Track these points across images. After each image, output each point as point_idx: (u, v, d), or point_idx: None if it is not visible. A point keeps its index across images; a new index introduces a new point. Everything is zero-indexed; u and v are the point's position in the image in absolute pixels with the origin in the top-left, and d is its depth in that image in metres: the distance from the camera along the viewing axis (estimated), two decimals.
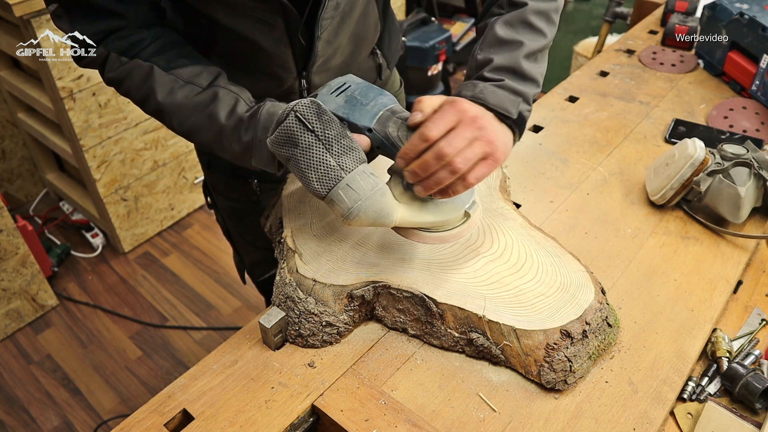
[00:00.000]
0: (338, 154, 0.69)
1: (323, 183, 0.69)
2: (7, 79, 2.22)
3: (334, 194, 0.69)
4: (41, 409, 1.87)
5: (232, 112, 0.78)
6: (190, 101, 0.79)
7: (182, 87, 0.79)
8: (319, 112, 0.70)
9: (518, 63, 0.78)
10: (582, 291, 0.75)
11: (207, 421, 0.70)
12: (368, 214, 0.69)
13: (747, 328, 0.81)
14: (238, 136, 0.77)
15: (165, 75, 0.79)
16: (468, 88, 0.75)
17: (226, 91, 0.79)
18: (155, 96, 0.80)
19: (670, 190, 0.94)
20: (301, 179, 0.71)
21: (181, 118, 0.81)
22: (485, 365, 0.75)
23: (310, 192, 0.71)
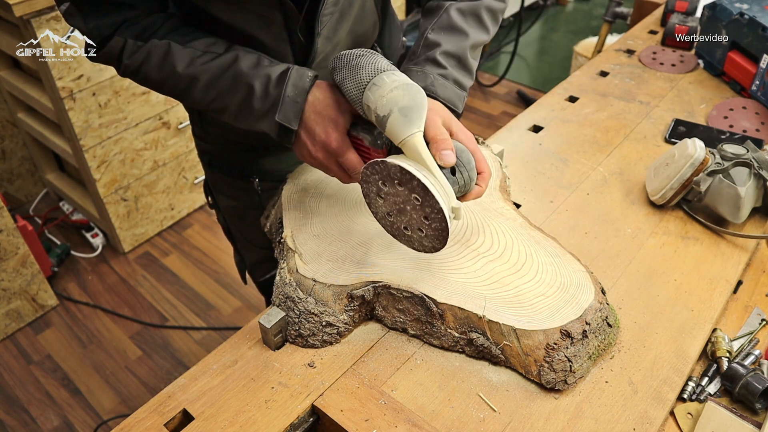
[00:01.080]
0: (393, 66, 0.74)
1: (371, 70, 0.72)
2: (7, 79, 2.22)
3: (379, 78, 0.72)
4: (41, 409, 1.87)
5: (256, 65, 0.80)
6: (212, 66, 0.80)
7: (201, 56, 0.81)
8: None
9: (464, 53, 0.85)
10: (582, 291, 0.75)
11: (207, 421, 0.70)
12: (413, 93, 0.70)
13: (747, 328, 0.81)
14: (265, 92, 0.79)
15: (182, 49, 0.81)
16: (420, 78, 0.82)
17: (245, 51, 0.81)
18: (176, 70, 0.81)
19: (670, 190, 0.94)
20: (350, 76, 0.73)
21: (206, 86, 0.81)
22: (485, 365, 0.75)
23: (353, 85, 0.73)
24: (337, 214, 0.87)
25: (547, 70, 3.58)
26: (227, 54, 0.81)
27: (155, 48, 0.81)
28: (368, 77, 0.72)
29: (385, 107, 0.70)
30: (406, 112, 0.70)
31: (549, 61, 3.67)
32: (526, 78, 3.48)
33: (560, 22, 4.10)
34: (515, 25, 3.59)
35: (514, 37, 3.43)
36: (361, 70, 0.73)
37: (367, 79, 0.72)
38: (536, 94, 3.24)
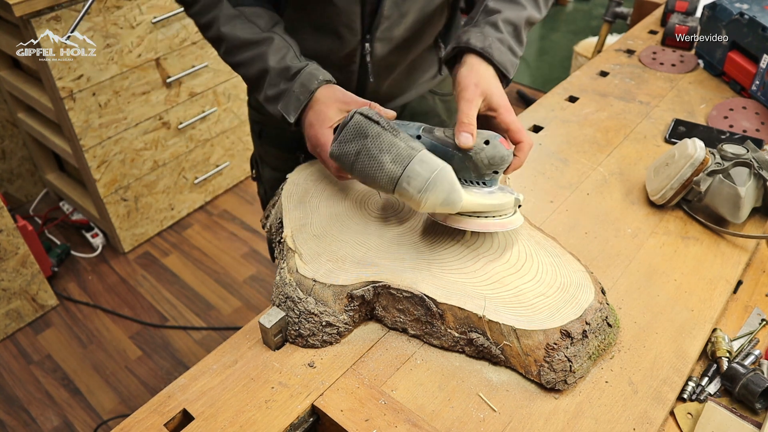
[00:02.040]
0: (405, 139, 0.74)
1: (398, 162, 0.72)
2: (7, 79, 2.22)
3: (410, 170, 0.71)
4: (41, 409, 1.87)
5: (281, 59, 0.87)
6: (247, 37, 0.87)
7: (243, 23, 0.88)
8: (378, 113, 0.77)
9: (521, 24, 0.87)
10: (582, 291, 0.75)
11: (207, 421, 0.70)
12: (444, 186, 0.71)
13: (747, 328, 0.81)
14: (277, 82, 0.87)
15: (230, 8, 0.88)
16: (478, 38, 0.83)
17: (281, 38, 0.88)
18: (218, 24, 0.88)
19: (670, 190, 0.94)
20: (372, 168, 0.73)
21: (234, 51, 0.89)
22: (485, 365, 0.75)
23: (382, 179, 0.73)
24: (338, 215, 0.87)
25: (547, 70, 3.58)
26: (265, 33, 0.88)
27: None
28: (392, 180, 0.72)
29: (428, 208, 0.73)
30: (448, 201, 0.72)
31: (549, 61, 3.67)
32: (526, 78, 3.48)
33: (560, 22, 4.10)
34: None
35: None
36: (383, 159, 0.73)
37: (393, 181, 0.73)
38: (536, 94, 3.24)
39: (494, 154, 0.75)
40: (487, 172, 0.77)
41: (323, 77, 0.86)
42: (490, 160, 0.76)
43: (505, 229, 0.77)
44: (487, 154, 0.75)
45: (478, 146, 0.75)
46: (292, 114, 0.85)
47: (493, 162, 0.76)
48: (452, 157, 0.77)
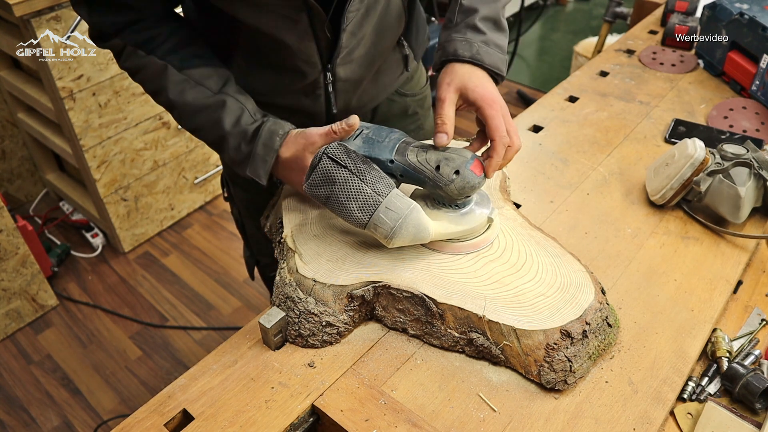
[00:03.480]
0: (372, 182, 0.74)
1: (364, 210, 0.74)
2: (7, 79, 2.22)
3: (376, 218, 0.74)
4: (41, 409, 1.87)
5: (236, 122, 0.84)
6: (198, 102, 0.85)
7: (193, 88, 0.85)
8: (347, 150, 0.76)
9: (498, 14, 0.88)
10: (582, 291, 0.75)
11: (207, 421, 0.70)
12: (408, 230, 0.74)
13: (747, 328, 0.81)
14: (238, 146, 0.85)
15: (177, 74, 0.84)
16: (465, 48, 0.84)
17: (233, 99, 0.85)
18: (167, 93, 0.85)
19: (670, 190, 0.94)
20: (342, 213, 0.75)
21: (188, 117, 0.87)
22: (485, 365, 0.75)
23: (352, 223, 0.75)
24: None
25: (547, 70, 3.58)
26: (216, 96, 0.85)
27: (152, 64, 0.84)
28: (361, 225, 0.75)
29: (397, 246, 0.76)
30: (414, 241, 0.76)
31: (549, 61, 3.67)
32: (526, 78, 3.48)
33: (560, 22, 4.10)
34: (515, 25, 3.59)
35: (514, 37, 3.43)
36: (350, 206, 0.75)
37: (362, 226, 0.75)
38: (536, 94, 3.24)
39: (463, 186, 0.76)
40: (458, 198, 0.78)
41: (282, 131, 0.84)
42: (460, 191, 0.76)
43: (477, 250, 0.80)
44: (457, 186, 0.76)
45: (447, 177, 0.76)
46: (263, 176, 0.85)
47: (463, 192, 0.76)
48: (424, 182, 0.78)
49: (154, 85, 0.86)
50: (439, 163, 0.76)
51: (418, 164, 0.78)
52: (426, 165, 0.77)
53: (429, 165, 0.77)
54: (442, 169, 0.76)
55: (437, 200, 0.81)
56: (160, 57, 0.84)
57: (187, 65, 0.85)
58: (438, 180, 0.76)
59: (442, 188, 0.76)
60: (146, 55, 0.84)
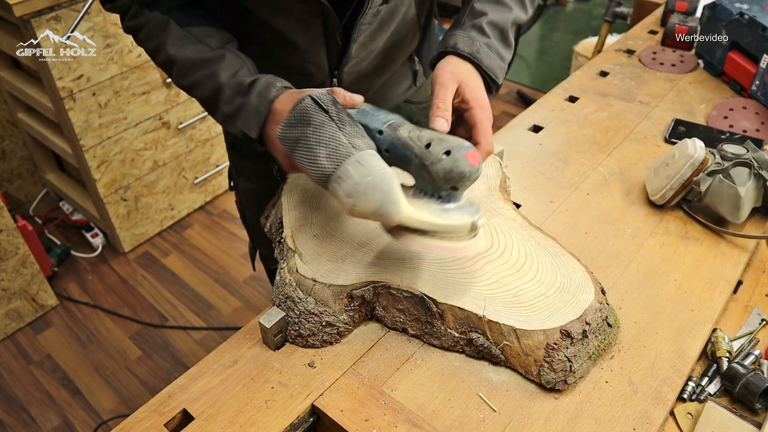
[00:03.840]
0: (350, 134, 0.68)
1: (332, 158, 0.66)
2: (7, 79, 2.22)
3: (343, 170, 0.65)
4: (41, 409, 1.87)
5: (234, 75, 0.81)
6: (197, 57, 0.82)
7: (193, 44, 0.83)
8: (334, 99, 0.71)
9: (507, 26, 0.86)
10: (582, 291, 0.75)
11: (207, 421, 0.70)
12: (376, 194, 0.65)
13: (747, 328, 0.81)
14: (232, 98, 0.80)
15: (179, 29, 0.83)
16: (466, 43, 0.81)
17: (233, 55, 0.83)
18: (166, 48, 0.83)
19: (670, 190, 0.94)
20: (308, 160, 0.68)
21: (186, 72, 0.84)
22: (485, 365, 0.75)
23: (315, 174, 0.68)
24: (338, 214, 0.87)
25: (547, 70, 3.58)
26: (216, 51, 0.82)
27: (154, 19, 0.83)
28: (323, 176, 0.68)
29: (357, 215, 0.67)
30: (381, 212, 0.66)
31: (549, 61, 3.67)
32: (526, 78, 3.48)
33: (560, 22, 4.10)
34: None
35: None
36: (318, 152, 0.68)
37: (324, 178, 0.67)
38: (536, 94, 3.24)
39: (451, 168, 0.67)
40: (444, 187, 0.69)
41: (281, 84, 0.80)
42: (446, 174, 0.67)
43: (453, 255, 0.71)
44: (444, 167, 0.67)
45: (436, 155, 0.67)
46: (253, 129, 0.79)
47: (449, 177, 0.67)
48: (409, 161, 0.70)
49: (154, 41, 0.84)
50: (431, 141, 0.69)
51: (408, 140, 0.70)
52: (416, 141, 0.69)
53: (419, 142, 0.69)
54: (433, 146, 0.68)
55: (421, 189, 0.71)
56: (164, 12, 0.83)
57: (190, 23, 0.83)
58: (425, 157, 0.68)
59: (428, 168, 0.68)
60: (150, 12, 0.83)
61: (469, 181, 0.68)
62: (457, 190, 0.69)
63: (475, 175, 0.68)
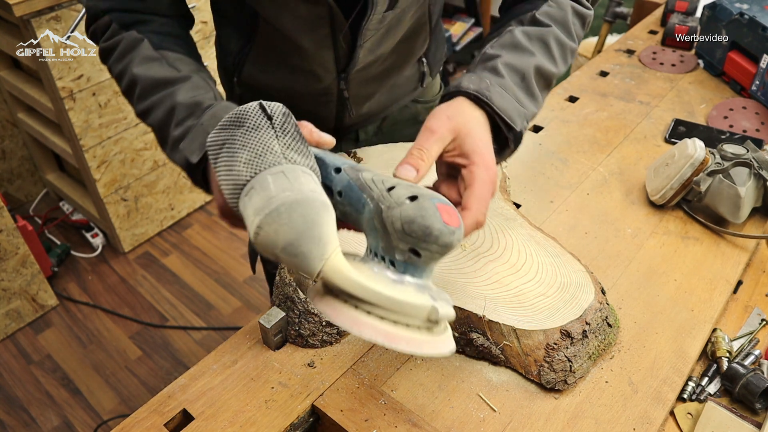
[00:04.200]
0: (288, 146, 0.53)
1: (253, 163, 0.51)
2: (7, 79, 2.22)
3: (260, 179, 0.50)
4: (41, 409, 1.87)
5: (193, 96, 0.70)
6: (160, 76, 0.73)
7: (161, 65, 0.74)
8: (288, 113, 0.55)
9: (529, 71, 0.70)
10: (582, 291, 0.75)
11: (207, 421, 0.69)
12: (293, 219, 0.47)
13: (747, 328, 0.81)
14: (183, 121, 0.69)
15: (151, 50, 0.75)
16: (472, 81, 0.66)
17: (201, 78, 0.73)
18: (132, 66, 0.73)
19: (670, 190, 0.94)
20: (225, 168, 0.53)
21: (145, 93, 0.73)
22: (485, 365, 0.75)
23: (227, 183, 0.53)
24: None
25: None
26: (184, 73, 0.73)
27: (128, 38, 0.75)
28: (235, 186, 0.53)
29: (266, 253, 0.50)
30: (295, 249, 0.48)
31: None
32: None
33: None
34: None
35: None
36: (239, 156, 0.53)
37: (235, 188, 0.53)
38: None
39: (413, 218, 0.49)
40: (400, 247, 0.51)
41: None
42: (406, 225, 0.49)
43: (394, 346, 0.49)
44: (403, 214, 0.50)
45: (397, 199, 0.51)
46: (197, 150, 0.65)
47: (409, 230, 0.49)
48: (363, 208, 0.54)
49: (122, 62, 0.74)
50: (396, 186, 0.53)
51: (369, 182, 0.54)
52: (378, 185, 0.53)
53: (382, 185, 0.53)
54: (397, 190, 0.52)
55: (372, 250, 0.54)
56: (140, 32, 0.76)
57: (166, 47, 0.75)
58: (382, 200, 0.52)
59: (383, 215, 0.51)
60: (126, 32, 0.76)
61: (437, 245, 0.50)
62: (419, 257, 0.50)
63: (447, 239, 0.50)
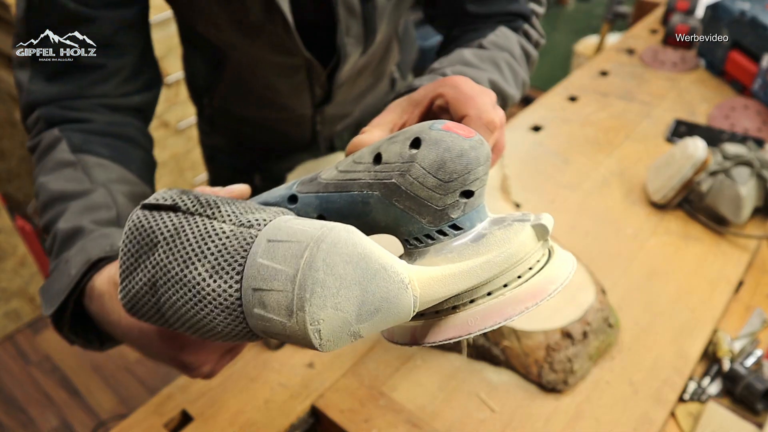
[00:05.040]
0: (234, 214, 0.38)
1: (222, 264, 0.35)
2: (5, 79, 2.21)
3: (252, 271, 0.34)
4: (40, 410, 1.86)
5: (76, 222, 0.54)
6: (58, 190, 0.57)
7: (73, 172, 0.58)
8: (185, 190, 0.41)
9: (482, 81, 0.59)
10: (582, 291, 0.75)
11: (206, 421, 0.69)
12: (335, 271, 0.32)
13: (748, 328, 0.81)
14: (58, 252, 0.54)
15: (67, 153, 0.59)
16: (424, 80, 0.57)
17: (106, 192, 0.57)
18: (41, 173, 0.59)
19: (671, 190, 0.94)
20: (184, 304, 0.37)
21: (43, 207, 0.58)
22: (485, 365, 0.75)
23: (208, 321, 0.36)
24: None
25: (547, 69, 3.58)
26: (91, 185, 0.58)
27: (46, 138, 0.61)
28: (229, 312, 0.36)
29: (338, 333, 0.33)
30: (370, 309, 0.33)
31: (549, 60, 3.67)
32: None
33: (561, 22, 4.10)
34: None
35: None
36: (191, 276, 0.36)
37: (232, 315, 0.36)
38: (536, 93, 3.24)
39: (442, 161, 0.37)
40: (448, 202, 0.37)
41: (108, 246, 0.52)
42: (440, 175, 0.37)
43: (540, 301, 0.36)
44: (426, 167, 0.37)
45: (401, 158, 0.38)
46: (53, 301, 0.49)
47: (447, 177, 0.37)
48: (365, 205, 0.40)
49: (36, 167, 0.61)
50: (378, 151, 0.39)
51: (340, 175, 0.41)
52: (356, 168, 0.40)
53: (361, 165, 0.40)
54: (386, 152, 0.39)
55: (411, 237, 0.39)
56: (62, 131, 0.61)
57: (88, 149, 0.60)
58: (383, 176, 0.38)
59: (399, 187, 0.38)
60: (48, 130, 0.61)
61: (481, 166, 0.37)
62: (472, 196, 0.38)
63: (481, 152, 0.37)
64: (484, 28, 0.70)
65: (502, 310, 0.36)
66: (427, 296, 0.35)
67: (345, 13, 0.72)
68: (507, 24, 0.71)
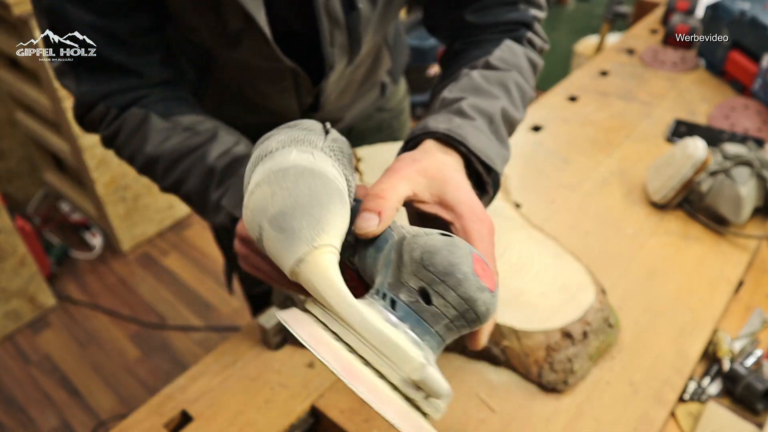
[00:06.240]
0: (330, 149, 0.47)
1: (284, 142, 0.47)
2: (6, 79, 2.21)
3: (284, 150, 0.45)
4: (40, 410, 1.86)
5: (226, 151, 0.65)
6: (182, 146, 0.67)
7: (179, 133, 0.68)
8: (345, 141, 0.51)
9: (495, 113, 0.59)
10: (582, 291, 0.75)
11: (206, 421, 0.69)
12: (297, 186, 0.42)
13: (748, 328, 0.81)
14: (222, 181, 0.64)
15: (161, 121, 0.68)
16: (440, 121, 0.56)
17: (225, 131, 0.68)
18: (146, 146, 0.67)
19: (671, 190, 0.94)
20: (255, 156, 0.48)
21: (170, 166, 0.67)
22: (485, 366, 0.75)
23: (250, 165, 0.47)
24: None
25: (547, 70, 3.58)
26: (204, 133, 0.67)
27: (131, 117, 0.68)
28: (273, 145, 0.45)
29: (252, 222, 0.42)
30: (281, 224, 0.40)
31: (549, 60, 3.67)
32: None
33: (561, 22, 4.10)
34: None
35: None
36: (271, 141, 0.47)
37: (271, 146, 0.46)
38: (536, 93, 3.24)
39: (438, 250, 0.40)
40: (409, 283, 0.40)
41: None
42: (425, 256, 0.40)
43: (368, 399, 0.36)
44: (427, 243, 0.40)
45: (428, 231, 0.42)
46: (238, 207, 0.60)
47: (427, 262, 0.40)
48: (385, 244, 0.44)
49: (132, 144, 0.69)
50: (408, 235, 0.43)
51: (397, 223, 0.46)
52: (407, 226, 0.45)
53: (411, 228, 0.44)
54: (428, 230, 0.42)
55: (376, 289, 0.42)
56: (141, 107, 0.69)
57: (175, 112, 0.69)
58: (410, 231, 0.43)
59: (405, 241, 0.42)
60: (125, 112, 0.69)
61: (456, 294, 0.39)
62: (428, 304, 0.39)
63: (473, 293, 0.39)
64: (487, 41, 0.69)
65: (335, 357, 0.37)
66: (310, 277, 0.40)
67: (328, 23, 0.70)
68: (510, 34, 0.69)
